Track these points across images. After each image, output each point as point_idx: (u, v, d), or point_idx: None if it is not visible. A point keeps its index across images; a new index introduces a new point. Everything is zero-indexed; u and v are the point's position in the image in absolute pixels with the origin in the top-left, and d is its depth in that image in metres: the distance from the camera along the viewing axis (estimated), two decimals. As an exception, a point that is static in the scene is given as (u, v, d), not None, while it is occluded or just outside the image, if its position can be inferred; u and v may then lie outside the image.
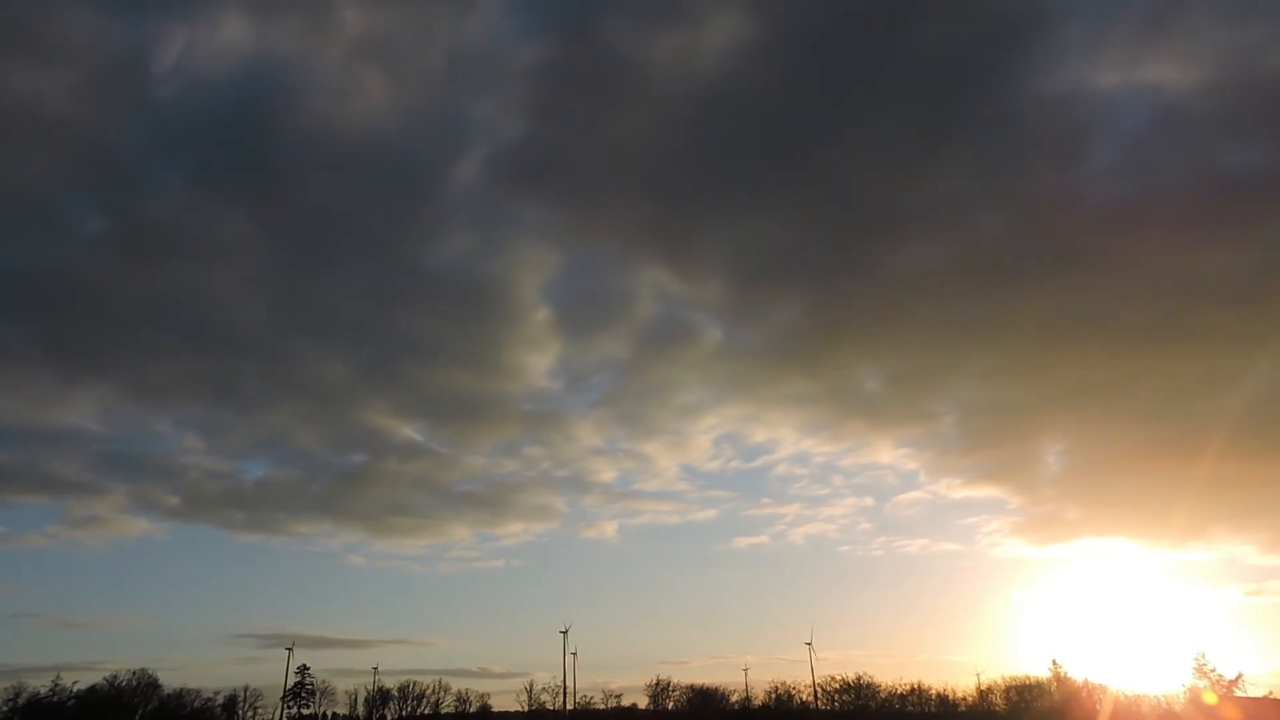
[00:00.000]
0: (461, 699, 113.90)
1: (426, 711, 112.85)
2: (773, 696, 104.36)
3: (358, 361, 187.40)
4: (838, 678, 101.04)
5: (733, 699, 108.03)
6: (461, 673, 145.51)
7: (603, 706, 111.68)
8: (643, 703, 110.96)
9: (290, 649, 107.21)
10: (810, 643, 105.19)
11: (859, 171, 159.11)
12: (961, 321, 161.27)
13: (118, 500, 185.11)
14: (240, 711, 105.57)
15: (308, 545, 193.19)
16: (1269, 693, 70.55)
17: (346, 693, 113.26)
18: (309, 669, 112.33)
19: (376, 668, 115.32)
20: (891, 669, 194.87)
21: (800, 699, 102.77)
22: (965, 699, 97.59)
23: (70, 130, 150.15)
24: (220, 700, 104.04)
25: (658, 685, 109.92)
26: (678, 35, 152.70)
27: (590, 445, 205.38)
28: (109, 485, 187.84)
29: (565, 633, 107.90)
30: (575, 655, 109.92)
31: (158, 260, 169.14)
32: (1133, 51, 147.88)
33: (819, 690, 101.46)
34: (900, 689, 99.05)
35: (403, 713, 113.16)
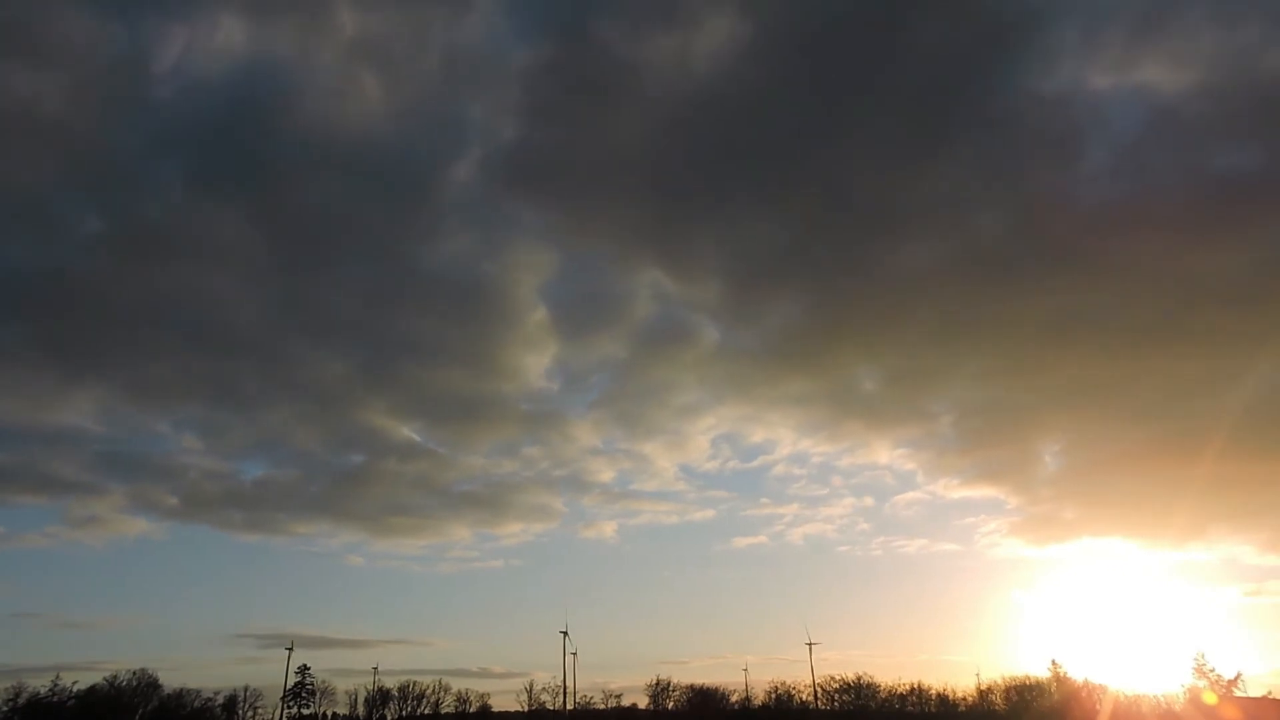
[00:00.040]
0: (461, 699, 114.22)
1: (426, 711, 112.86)
2: (773, 696, 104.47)
3: (356, 362, 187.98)
4: (838, 678, 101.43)
5: (733, 699, 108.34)
6: (461, 673, 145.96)
7: (603, 706, 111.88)
8: (643, 703, 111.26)
9: (290, 649, 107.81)
10: (810, 643, 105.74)
11: (855, 172, 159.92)
12: (958, 322, 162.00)
13: (117, 500, 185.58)
14: (240, 711, 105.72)
15: (307, 545, 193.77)
16: (1268, 692, 70.71)
17: (346, 693, 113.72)
18: (309, 669, 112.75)
19: (376, 668, 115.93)
20: (891, 669, 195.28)
21: (800, 699, 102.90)
22: (965, 699, 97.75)
23: (68, 131, 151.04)
24: (220, 700, 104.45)
25: (658, 685, 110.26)
26: (673, 37, 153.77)
27: (588, 445, 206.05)
28: (108, 485, 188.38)
29: (565, 633, 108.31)
30: (575, 655, 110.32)
31: (156, 261, 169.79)
32: (1127, 53, 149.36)
33: (819, 690, 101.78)
34: (900, 689, 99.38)
35: (403, 713, 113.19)
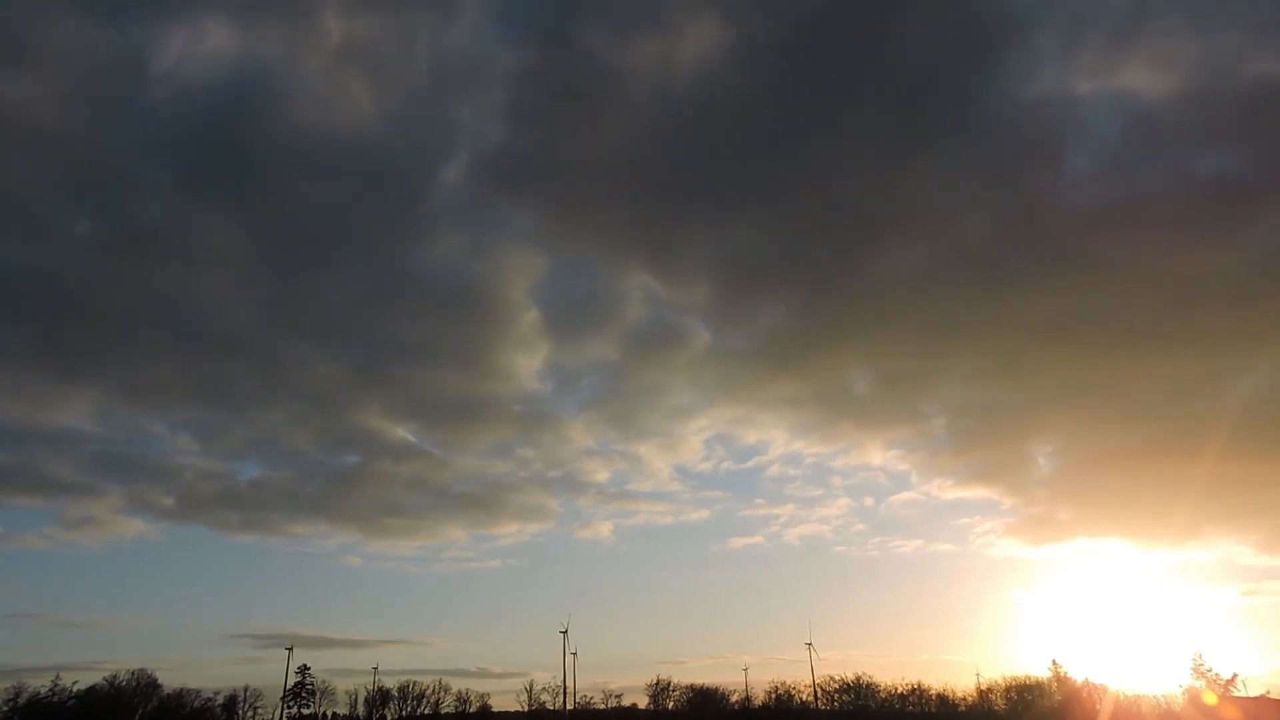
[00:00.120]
0: (461, 699, 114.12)
1: (426, 711, 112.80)
2: (773, 696, 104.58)
3: (349, 363, 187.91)
4: (837, 678, 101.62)
5: (733, 699, 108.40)
6: (461, 673, 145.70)
7: (603, 706, 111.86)
8: (643, 703, 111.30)
9: (290, 649, 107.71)
10: (810, 643, 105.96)
11: (839, 176, 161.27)
12: (948, 324, 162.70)
13: (113, 501, 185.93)
14: (240, 711, 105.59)
15: (304, 546, 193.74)
16: (1267, 692, 70.91)
17: (346, 693, 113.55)
18: (309, 669, 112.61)
19: (376, 668, 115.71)
20: (891, 669, 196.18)
21: (800, 699, 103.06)
22: (965, 699, 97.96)
23: (61, 135, 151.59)
24: (220, 700, 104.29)
25: (658, 685, 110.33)
26: (657, 42, 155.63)
27: (582, 446, 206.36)
28: (104, 486, 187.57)
29: (565, 633, 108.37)
30: (575, 655, 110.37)
31: (150, 263, 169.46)
32: (1107, 59, 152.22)
33: (819, 690, 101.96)
34: (900, 689, 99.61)
35: (403, 713, 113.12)
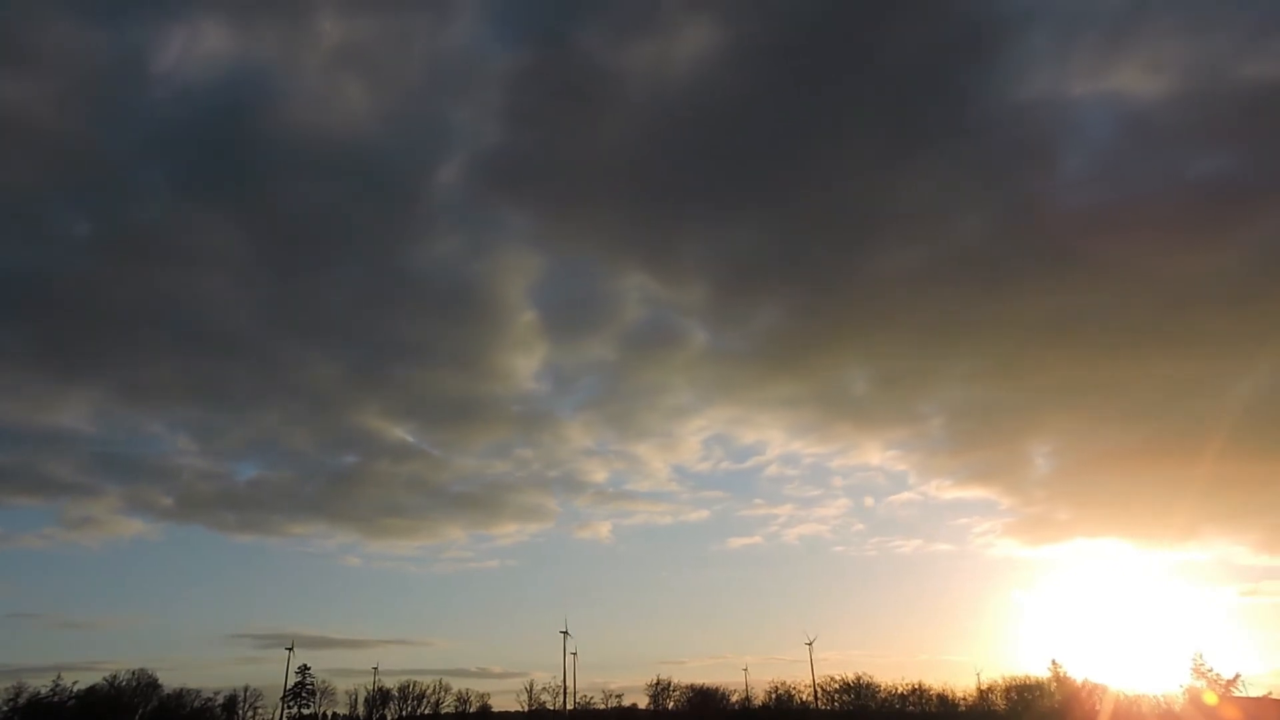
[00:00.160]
0: (461, 699, 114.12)
1: (426, 711, 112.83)
2: (773, 696, 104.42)
3: (347, 364, 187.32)
4: (838, 678, 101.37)
5: (733, 699, 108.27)
6: (461, 673, 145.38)
7: (603, 706, 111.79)
8: (643, 703, 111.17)
9: (290, 649, 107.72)
10: (810, 643, 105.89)
11: (835, 177, 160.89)
12: (944, 324, 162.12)
13: (112, 502, 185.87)
14: (240, 711, 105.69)
15: (303, 546, 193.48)
16: (1268, 692, 70.65)
17: (346, 693, 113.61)
18: (309, 669, 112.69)
19: (376, 668, 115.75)
20: (891, 669, 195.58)
21: (800, 699, 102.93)
22: (965, 699, 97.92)
23: (58, 136, 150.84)
24: (220, 700, 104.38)
25: (658, 685, 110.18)
26: (653, 43, 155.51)
27: (580, 446, 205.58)
28: (103, 486, 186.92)
29: (565, 633, 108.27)
30: (575, 655, 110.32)
31: (147, 264, 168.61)
32: (1100, 61, 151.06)
33: (819, 690, 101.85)
34: (900, 689, 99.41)
35: (403, 713, 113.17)
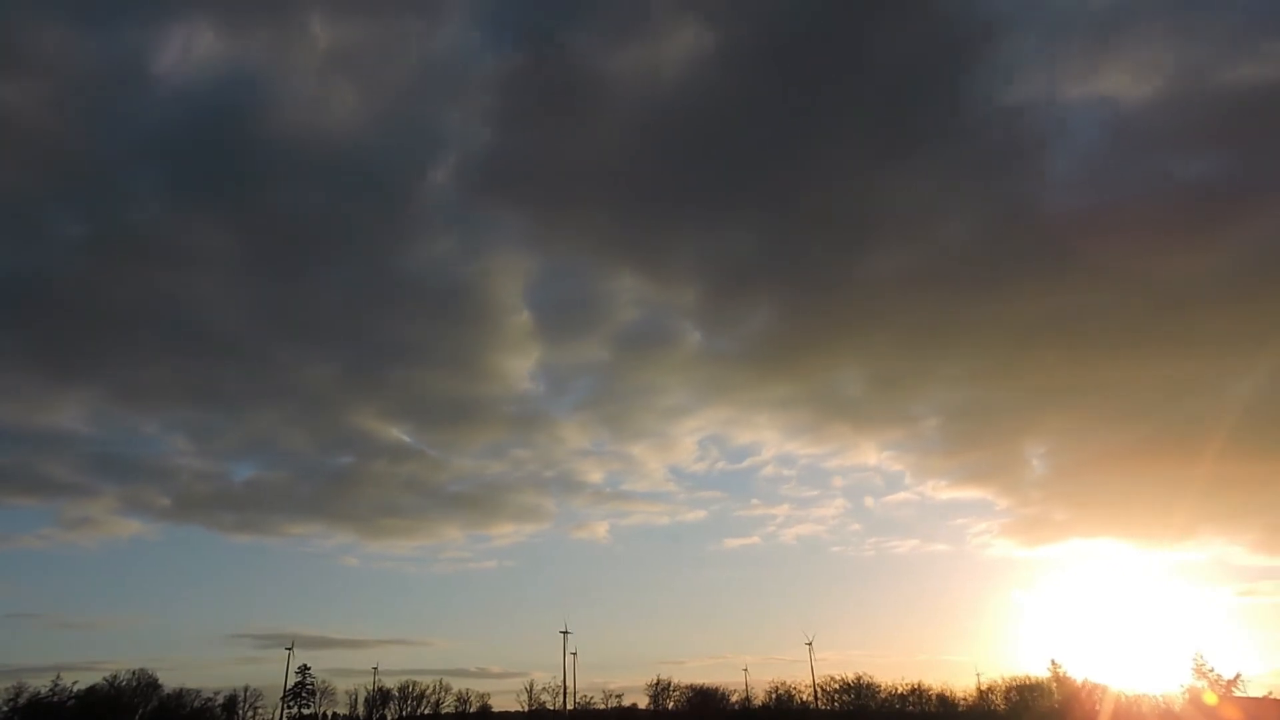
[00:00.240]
0: (461, 699, 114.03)
1: (426, 711, 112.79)
2: (773, 696, 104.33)
3: (342, 364, 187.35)
4: (838, 678, 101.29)
5: (733, 699, 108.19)
6: (460, 673, 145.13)
7: (603, 706, 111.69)
8: (643, 703, 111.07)
9: (290, 649, 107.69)
10: (810, 643, 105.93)
11: (825, 179, 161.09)
12: (936, 326, 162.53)
13: (110, 502, 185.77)
14: (240, 711, 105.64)
15: (301, 546, 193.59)
16: (1269, 693, 70.68)
17: (346, 693, 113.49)
18: (309, 669, 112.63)
19: (376, 668, 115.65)
20: (891, 669, 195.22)
21: (800, 699, 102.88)
22: (965, 699, 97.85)
23: (51, 139, 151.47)
24: (220, 700, 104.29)
25: (658, 685, 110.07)
26: (642, 47, 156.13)
27: (577, 447, 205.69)
28: (100, 487, 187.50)
29: (565, 633, 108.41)
30: (575, 655, 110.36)
31: (141, 266, 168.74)
32: (1087, 65, 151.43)
33: (819, 690, 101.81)
34: (900, 689, 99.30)
35: (403, 713, 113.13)
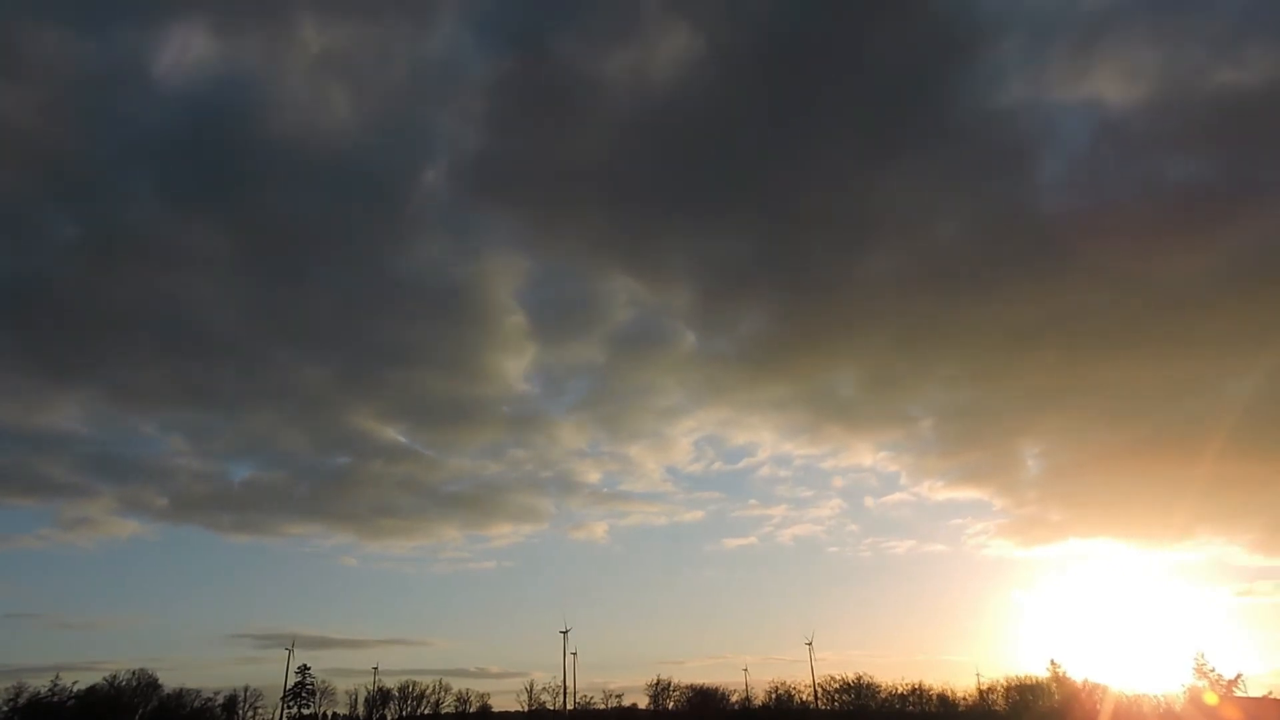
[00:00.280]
0: (461, 699, 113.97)
1: (426, 711, 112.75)
2: (773, 696, 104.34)
3: (336, 366, 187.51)
4: (837, 678, 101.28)
5: (733, 699, 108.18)
6: (460, 673, 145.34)
7: (603, 706, 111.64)
8: (643, 703, 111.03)
9: (290, 649, 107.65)
10: (810, 643, 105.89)
11: (816, 182, 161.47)
12: (929, 327, 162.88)
13: (107, 502, 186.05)
14: (240, 711, 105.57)
15: (300, 546, 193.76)
16: (1269, 692, 70.63)
17: (346, 693, 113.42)
18: (309, 669, 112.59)
19: (376, 668, 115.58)
20: (891, 669, 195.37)
21: (800, 699, 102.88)
22: (965, 699, 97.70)
23: (45, 143, 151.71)
24: (220, 700, 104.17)
25: (658, 685, 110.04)
26: (632, 51, 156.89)
27: (573, 447, 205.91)
28: (98, 487, 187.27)
29: (566, 633, 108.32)
30: (575, 655, 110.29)
31: (137, 268, 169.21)
32: (1074, 69, 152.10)
33: (819, 690, 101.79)
34: (900, 689, 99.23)
35: (403, 713, 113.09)
